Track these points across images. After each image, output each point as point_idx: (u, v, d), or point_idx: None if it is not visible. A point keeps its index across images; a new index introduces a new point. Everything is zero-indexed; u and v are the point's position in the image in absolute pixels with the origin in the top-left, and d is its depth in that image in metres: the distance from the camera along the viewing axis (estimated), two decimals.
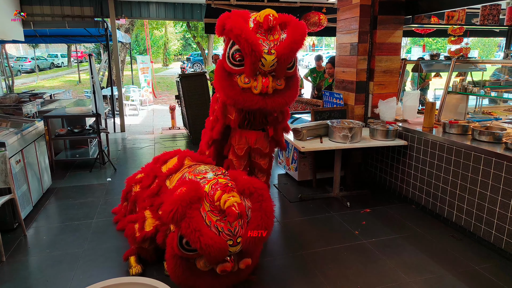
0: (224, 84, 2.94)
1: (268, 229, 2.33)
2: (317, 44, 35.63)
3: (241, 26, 2.74)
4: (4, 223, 3.33)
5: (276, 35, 2.85)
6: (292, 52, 2.82)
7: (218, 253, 2.17)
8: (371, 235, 3.32)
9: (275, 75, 2.92)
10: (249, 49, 2.70)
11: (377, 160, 4.47)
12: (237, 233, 2.25)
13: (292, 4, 6.74)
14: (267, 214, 2.34)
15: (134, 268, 2.77)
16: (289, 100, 3.05)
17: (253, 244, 2.31)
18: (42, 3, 7.35)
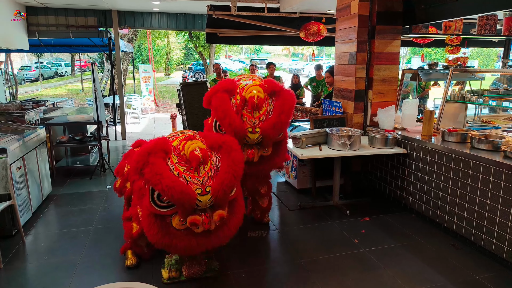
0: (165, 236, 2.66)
1: (235, 176, 2.37)
2: (318, 54, 35.88)
3: (224, 108, 2.81)
4: (3, 229, 3.34)
5: (263, 109, 2.91)
6: (276, 131, 2.90)
7: (181, 196, 2.18)
8: (370, 244, 3.31)
9: (261, 146, 3.03)
10: (231, 129, 2.80)
11: (376, 168, 4.47)
12: (206, 182, 2.29)
13: (292, 14, 6.83)
14: (235, 161, 2.38)
15: (129, 260, 2.90)
16: (275, 166, 3.21)
17: (223, 193, 2.31)
18: (47, 13, 7.47)
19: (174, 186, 2.19)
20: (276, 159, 3.17)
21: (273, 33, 7.40)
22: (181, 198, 2.21)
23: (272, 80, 3.06)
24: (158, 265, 2.92)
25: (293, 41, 8.32)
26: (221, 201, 2.36)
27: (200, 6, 7.17)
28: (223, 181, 2.31)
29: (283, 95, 2.94)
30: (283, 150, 3.23)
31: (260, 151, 3.04)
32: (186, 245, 2.39)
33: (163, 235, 2.37)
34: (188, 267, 2.74)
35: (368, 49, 4.26)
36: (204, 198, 2.28)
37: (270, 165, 3.15)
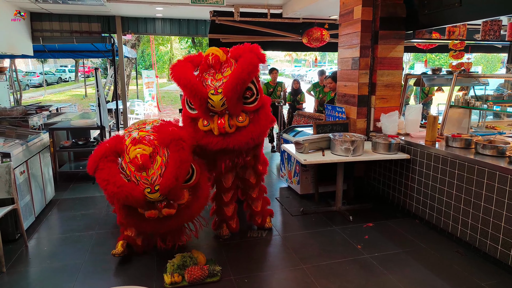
0: (189, 130, 3.00)
1: (178, 178, 2.52)
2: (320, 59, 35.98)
3: (181, 73, 2.78)
4: (6, 233, 3.33)
5: (227, 71, 2.84)
6: (237, 87, 2.75)
7: (127, 200, 2.44)
8: (374, 250, 3.28)
9: (231, 113, 2.90)
10: (192, 94, 2.75)
11: (380, 173, 4.45)
12: (155, 181, 2.50)
13: (295, 20, 6.87)
14: (180, 163, 2.51)
15: (117, 249, 3.04)
16: (254, 136, 2.97)
17: (170, 190, 2.52)
18: (51, 19, 7.54)
19: (118, 192, 2.42)
20: (252, 128, 2.95)
21: (276, 39, 7.44)
22: (127, 201, 2.45)
23: (238, 46, 2.97)
24: (160, 270, 2.91)
25: (295, 47, 8.35)
26: (171, 196, 2.55)
27: (203, 12, 7.22)
28: (168, 180, 2.48)
29: (245, 54, 2.84)
30: (261, 119, 3.00)
31: (234, 119, 2.90)
32: (153, 227, 2.70)
33: (135, 222, 2.68)
34: (190, 272, 2.73)
35: (371, 54, 4.26)
36: (154, 195, 2.50)
37: (247, 136, 2.93)
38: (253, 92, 2.94)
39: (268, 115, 3.07)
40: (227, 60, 2.89)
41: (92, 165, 2.53)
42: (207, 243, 3.44)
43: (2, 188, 3.18)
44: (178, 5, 6.54)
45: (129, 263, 3.06)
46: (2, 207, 3.10)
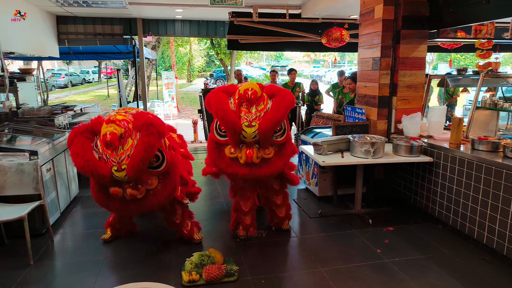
0: (214, 155, 3.16)
1: (144, 160, 2.67)
2: (340, 60, 35.59)
3: (219, 103, 2.93)
4: (33, 228, 3.44)
5: (261, 106, 2.98)
6: (273, 125, 2.93)
7: (95, 174, 2.66)
8: (394, 254, 3.22)
9: (260, 145, 3.04)
10: (228, 125, 2.90)
11: (401, 176, 4.36)
12: (122, 160, 2.68)
13: (314, 20, 6.83)
14: (148, 147, 2.67)
15: (106, 235, 3.46)
16: (277, 169, 3.13)
17: (138, 172, 2.69)
18: (76, 22, 7.77)
19: (85, 165, 2.64)
20: (279, 162, 3.12)
21: (295, 39, 7.41)
22: (95, 175, 2.68)
23: (273, 85, 3.17)
24: (178, 268, 2.95)
25: (314, 47, 8.30)
26: (137, 177, 2.74)
27: (222, 13, 7.28)
28: (135, 161, 2.65)
29: (281, 94, 3.02)
30: (286, 153, 3.18)
31: (261, 151, 3.05)
32: (119, 207, 2.89)
33: (102, 198, 2.88)
34: (208, 271, 2.75)
35: (392, 54, 4.19)
36: (120, 174, 2.68)
37: (272, 168, 3.10)
38: (281, 127, 3.11)
39: (291, 148, 3.22)
40: (261, 95, 3.03)
41: (70, 139, 2.78)
42: (225, 242, 3.46)
43: (29, 185, 3.30)
44: (197, 7, 6.62)
45: (148, 260, 3.12)
46: (30, 203, 3.21)
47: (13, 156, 3.36)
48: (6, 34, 5.07)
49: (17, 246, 3.28)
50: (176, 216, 3.29)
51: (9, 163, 3.30)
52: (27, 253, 3.06)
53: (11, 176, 3.28)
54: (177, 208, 3.30)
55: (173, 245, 3.38)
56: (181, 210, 3.36)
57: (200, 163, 6.50)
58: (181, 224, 3.35)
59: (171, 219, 3.31)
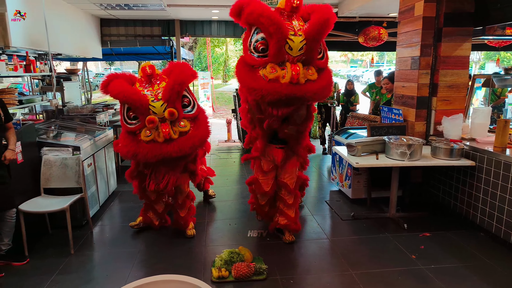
0: (248, 79, 2.76)
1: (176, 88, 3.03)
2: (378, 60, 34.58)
3: (262, 8, 2.60)
4: (75, 219, 3.65)
5: (301, 22, 2.75)
6: (320, 33, 2.63)
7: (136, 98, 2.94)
8: (430, 261, 3.08)
9: (305, 62, 2.71)
10: (274, 28, 2.52)
11: (440, 181, 4.16)
12: (158, 93, 3.01)
13: (351, 19, 6.68)
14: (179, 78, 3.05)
15: (135, 222, 3.68)
16: (323, 89, 2.78)
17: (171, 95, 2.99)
18: (118, 25, 8.14)
19: (130, 94, 2.93)
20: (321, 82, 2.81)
21: (331, 39, 7.30)
22: (136, 100, 2.93)
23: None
24: (208, 263, 3.01)
25: (351, 47, 8.14)
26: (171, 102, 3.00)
27: None
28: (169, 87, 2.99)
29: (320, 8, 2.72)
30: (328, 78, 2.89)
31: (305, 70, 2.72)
32: (149, 151, 3.01)
33: (132, 145, 3.04)
34: (237, 268, 2.78)
35: (433, 53, 4.01)
36: (157, 104, 2.96)
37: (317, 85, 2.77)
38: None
39: (331, 78, 2.93)
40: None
41: (105, 82, 3.07)
42: (254, 241, 3.48)
43: (72, 178, 3.50)
44: None
45: (179, 255, 3.20)
46: (72, 195, 3.41)
47: (58, 151, 3.58)
48: (55, 37, 5.41)
49: (60, 236, 3.49)
50: (183, 210, 3.53)
51: (54, 158, 3.52)
52: (69, 243, 3.25)
53: (56, 169, 3.50)
54: (186, 203, 3.54)
55: (204, 241, 3.46)
56: (190, 205, 3.60)
57: (233, 162, 6.59)
58: (184, 218, 3.55)
59: (177, 210, 3.55)
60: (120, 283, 2.77)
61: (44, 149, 3.58)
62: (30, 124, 3.62)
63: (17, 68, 4.44)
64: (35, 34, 4.70)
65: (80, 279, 2.85)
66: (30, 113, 6.54)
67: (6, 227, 3.00)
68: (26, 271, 2.97)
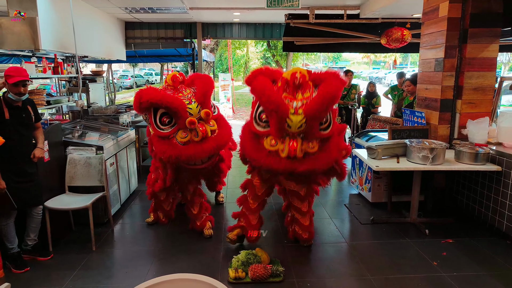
0: (250, 147, 2.89)
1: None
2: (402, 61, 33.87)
3: (264, 85, 2.70)
4: (97, 217, 3.75)
5: (306, 93, 2.72)
6: (321, 113, 2.65)
7: (173, 101, 3.02)
8: (452, 269, 2.99)
9: (305, 137, 2.75)
10: (272, 108, 2.62)
11: (464, 186, 4.04)
12: (190, 97, 3.15)
13: (373, 20, 6.59)
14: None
15: (149, 218, 3.92)
16: (323, 165, 2.80)
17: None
18: (142, 27, 8.34)
19: (170, 99, 3.01)
20: (323, 155, 2.79)
21: (352, 40, 7.21)
22: (176, 104, 3.01)
23: (319, 72, 2.90)
24: (225, 264, 3.03)
25: (373, 48, 8.01)
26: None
27: (278, 16, 7.32)
28: (204, 91, 3.13)
29: (328, 79, 2.74)
30: (331, 148, 2.83)
31: (304, 144, 2.75)
32: (190, 151, 3.08)
33: (171, 149, 3.08)
34: (254, 269, 2.79)
35: (458, 54, 3.90)
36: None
37: (317, 164, 2.76)
38: (327, 119, 2.86)
39: (339, 145, 2.90)
40: (308, 81, 2.81)
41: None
42: (272, 243, 3.48)
43: (95, 177, 3.61)
44: (254, 10, 6.73)
45: (196, 255, 3.24)
46: (94, 194, 3.51)
47: (82, 150, 3.70)
48: (82, 39, 5.60)
49: (82, 233, 3.60)
50: (194, 207, 3.57)
51: (79, 156, 3.64)
52: (91, 240, 3.35)
53: (80, 168, 3.61)
54: (195, 199, 3.58)
55: (222, 242, 3.48)
56: (200, 201, 3.62)
57: None
58: (197, 216, 3.58)
59: (189, 208, 3.61)
60: (139, 280, 2.83)
61: (70, 148, 3.70)
62: (57, 124, 3.76)
63: (46, 70, 4.61)
64: (63, 37, 4.88)
65: (101, 275, 2.94)
66: (57, 113, 6.78)
67: (32, 223, 3.12)
68: (50, 266, 3.08)
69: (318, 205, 4.47)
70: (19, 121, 2.93)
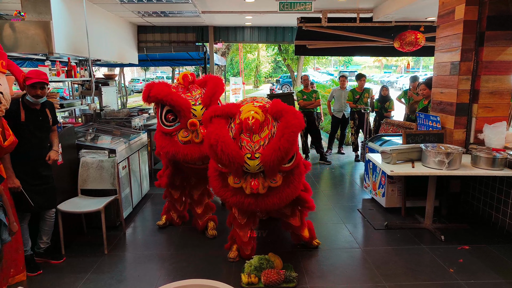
0: (217, 184, 2.87)
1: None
2: (414, 65, 33.53)
3: (218, 132, 2.60)
4: (109, 220, 3.77)
5: (264, 132, 2.63)
6: (279, 157, 2.54)
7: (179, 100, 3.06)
8: (469, 276, 2.91)
9: (266, 175, 2.72)
10: (228, 159, 2.56)
11: (480, 191, 3.94)
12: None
13: (386, 23, 6.53)
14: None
15: (161, 222, 3.88)
16: (287, 199, 2.79)
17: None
18: (154, 31, 8.41)
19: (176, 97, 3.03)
20: (286, 190, 2.75)
21: (365, 44, 7.16)
22: (181, 103, 3.04)
23: (277, 101, 2.74)
24: (238, 269, 3.00)
25: (386, 52, 7.93)
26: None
27: (290, 19, 7.31)
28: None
29: (286, 116, 2.59)
30: (295, 180, 2.79)
31: (267, 181, 2.71)
32: (188, 151, 3.15)
33: (171, 146, 3.17)
34: (267, 275, 2.76)
35: (474, 58, 3.82)
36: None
37: (282, 196, 2.75)
38: None
39: (301, 175, 2.87)
40: (265, 118, 2.70)
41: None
42: (285, 248, 3.44)
43: (107, 180, 3.63)
44: (266, 13, 6.73)
45: (209, 259, 3.22)
46: (107, 197, 3.53)
47: (95, 153, 3.73)
48: (95, 43, 5.67)
49: (94, 236, 3.60)
50: (199, 207, 3.59)
51: (91, 159, 3.66)
52: (103, 243, 3.36)
53: (92, 171, 3.64)
54: (202, 199, 3.60)
55: None
56: (206, 201, 3.63)
57: None
58: (200, 215, 3.58)
59: (194, 207, 3.64)
60: (150, 284, 2.83)
61: (82, 151, 3.74)
62: (70, 127, 3.79)
63: (59, 74, 4.68)
64: (76, 41, 4.95)
65: (113, 278, 2.94)
66: (70, 117, 6.87)
67: (45, 226, 3.15)
68: (62, 269, 3.09)
69: (330, 209, 4.42)
70: (35, 123, 2.96)
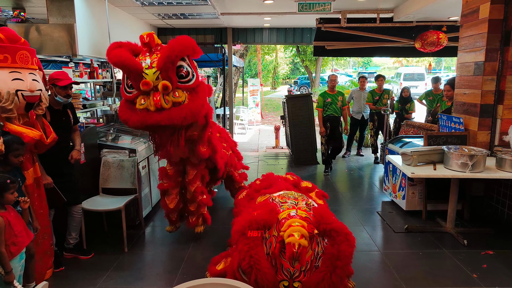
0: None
1: None
2: (435, 66, 32.74)
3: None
4: (129, 219, 3.83)
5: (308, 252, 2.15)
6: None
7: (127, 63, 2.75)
8: (494, 282, 2.82)
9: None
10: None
11: (505, 195, 3.81)
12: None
13: (407, 24, 6.41)
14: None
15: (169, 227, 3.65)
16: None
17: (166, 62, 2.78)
18: (174, 33, 8.54)
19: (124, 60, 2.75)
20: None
21: (385, 44, 7.05)
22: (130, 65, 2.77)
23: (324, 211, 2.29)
24: None
25: (406, 52, 7.80)
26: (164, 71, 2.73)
27: (309, 20, 7.28)
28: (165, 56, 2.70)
29: (339, 241, 2.11)
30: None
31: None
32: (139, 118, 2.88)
33: (126, 112, 2.94)
34: None
35: (499, 58, 3.71)
36: (150, 71, 2.76)
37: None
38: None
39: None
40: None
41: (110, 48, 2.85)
42: None
43: (128, 179, 3.70)
44: (285, 14, 6.73)
45: None
46: (127, 196, 3.60)
47: (116, 153, 3.81)
48: None
49: (115, 234, 3.67)
50: (192, 204, 3.52)
51: (113, 159, 3.75)
52: (123, 241, 3.42)
53: (113, 170, 3.72)
54: (196, 197, 3.52)
55: None
56: (200, 199, 3.52)
57: (281, 168, 6.57)
58: (193, 212, 3.52)
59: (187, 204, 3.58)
60: (169, 283, 2.87)
61: (104, 151, 3.83)
62: (93, 127, 3.89)
63: (82, 75, 4.81)
64: (99, 43, 5.08)
65: (132, 276, 2.99)
66: (92, 117, 7.05)
67: (73, 222, 3.24)
68: (84, 266, 3.18)
69: (349, 212, 4.37)
70: (59, 124, 3.07)
